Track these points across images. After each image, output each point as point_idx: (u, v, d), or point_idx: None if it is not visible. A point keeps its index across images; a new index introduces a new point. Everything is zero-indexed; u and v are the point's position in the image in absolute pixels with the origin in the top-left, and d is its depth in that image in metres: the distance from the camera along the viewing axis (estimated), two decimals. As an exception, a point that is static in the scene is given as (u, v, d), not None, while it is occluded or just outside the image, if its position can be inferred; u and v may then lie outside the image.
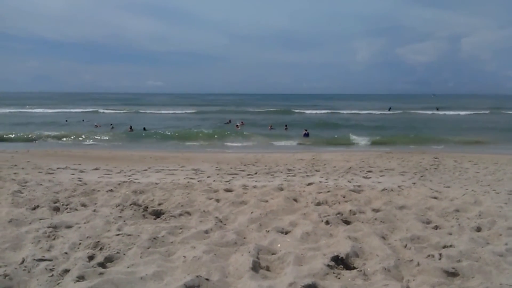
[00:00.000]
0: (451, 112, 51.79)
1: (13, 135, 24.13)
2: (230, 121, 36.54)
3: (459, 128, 31.83)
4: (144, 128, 30.07)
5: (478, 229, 4.79)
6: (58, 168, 11.65)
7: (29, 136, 24.18)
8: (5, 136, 23.81)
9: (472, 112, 50.85)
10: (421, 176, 10.76)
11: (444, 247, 4.11)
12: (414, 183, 9.58)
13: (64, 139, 23.79)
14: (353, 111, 53.46)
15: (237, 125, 32.42)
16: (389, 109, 60.31)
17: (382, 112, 53.44)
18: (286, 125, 31.96)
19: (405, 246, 4.10)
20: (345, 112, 53.10)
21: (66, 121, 35.57)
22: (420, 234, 4.45)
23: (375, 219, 5.10)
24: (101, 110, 54.65)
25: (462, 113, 50.22)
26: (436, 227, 4.88)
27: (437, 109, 57.60)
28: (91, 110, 53.14)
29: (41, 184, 7.62)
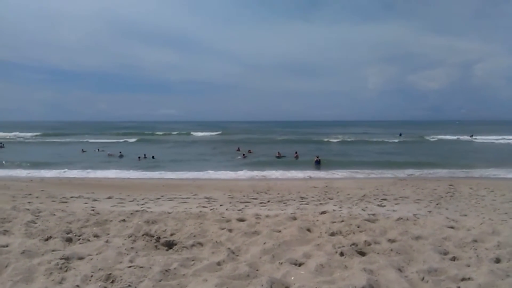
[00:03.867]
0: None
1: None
2: (239, 149, 36.66)
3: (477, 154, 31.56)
4: (153, 157, 30.30)
5: (497, 261, 4.62)
6: (71, 197, 11.75)
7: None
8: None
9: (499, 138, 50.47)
10: (437, 204, 10.58)
11: (463, 279, 3.97)
12: (429, 212, 9.42)
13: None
14: (363, 139, 53.30)
15: (243, 155, 32.27)
16: (400, 135, 60.34)
17: (392, 140, 52.83)
18: (296, 152, 31.88)
19: (423, 279, 3.97)
20: (356, 139, 52.89)
21: (83, 151, 36.00)
22: (438, 266, 4.32)
23: (391, 250, 4.97)
24: (114, 140, 55.41)
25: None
26: (453, 258, 4.74)
27: (471, 136, 57.80)
28: (106, 141, 53.49)
29: (54, 214, 7.65)
